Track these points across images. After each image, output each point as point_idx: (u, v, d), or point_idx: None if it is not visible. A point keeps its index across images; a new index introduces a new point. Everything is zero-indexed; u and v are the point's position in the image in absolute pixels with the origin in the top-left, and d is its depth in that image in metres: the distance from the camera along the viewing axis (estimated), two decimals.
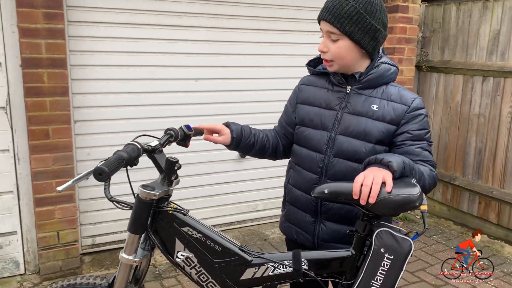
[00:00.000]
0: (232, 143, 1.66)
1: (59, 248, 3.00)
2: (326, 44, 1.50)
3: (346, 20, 1.43)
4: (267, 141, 1.74)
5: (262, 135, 1.74)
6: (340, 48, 1.48)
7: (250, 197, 3.87)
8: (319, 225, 1.61)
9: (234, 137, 1.65)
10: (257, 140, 1.71)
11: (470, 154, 3.88)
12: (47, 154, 2.84)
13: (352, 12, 1.42)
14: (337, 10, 1.43)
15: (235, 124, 1.69)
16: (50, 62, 2.75)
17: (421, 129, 1.50)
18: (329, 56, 1.50)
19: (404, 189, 1.27)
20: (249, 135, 1.69)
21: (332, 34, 1.47)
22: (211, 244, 1.44)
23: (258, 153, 1.75)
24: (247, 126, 1.72)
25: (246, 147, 1.70)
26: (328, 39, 1.49)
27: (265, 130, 1.78)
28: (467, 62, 3.82)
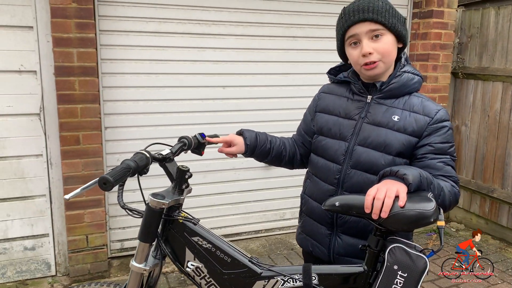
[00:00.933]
0: (246, 150, 1.65)
1: (87, 251, 3.08)
2: (370, 45, 1.42)
3: (387, 14, 1.40)
4: (283, 149, 1.71)
5: (279, 143, 1.71)
6: (387, 43, 1.43)
7: (278, 205, 3.84)
8: (335, 238, 1.56)
9: (248, 144, 1.64)
10: (273, 147, 1.69)
11: (510, 165, 3.68)
12: (78, 159, 2.93)
13: (386, 6, 1.42)
14: (374, 7, 1.40)
15: (249, 131, 1.67)
16: (81, 70, 2.84)
17: (444, 142, 1.43)
18: (375, 56, 1.42)
19: (418, 203, 1.20)
20: (265, 142, 1.67)
21: (375, 31, 1.41)
22: (220, 254, 1.42)
23: (275, 161, 1.73)
24: (263, 133, 1.71)
25: (262, 154, 1.68)
26: (368, 39, 1.42)
27: (283, 138, 1.76)
28: (507, 69, 3.63)
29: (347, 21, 1.43)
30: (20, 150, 2.91)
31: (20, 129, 2.89)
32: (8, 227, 2.97)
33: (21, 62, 2.81)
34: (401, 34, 1.44)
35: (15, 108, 2.85)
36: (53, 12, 2.73)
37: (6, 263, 3.00)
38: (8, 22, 2.74)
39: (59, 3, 2.72)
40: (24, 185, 2.96)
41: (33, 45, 2.81)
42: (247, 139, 1.64)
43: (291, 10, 3.49)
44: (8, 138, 2.87)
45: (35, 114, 2.90)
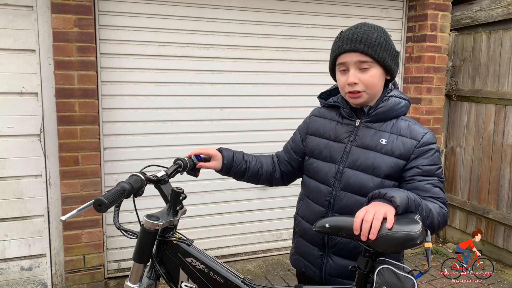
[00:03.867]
0: (222, 168, 1.71)
1: (84, 272, 3.09)
2: (356, 75, 1.46)
3: (378, 47, 1.44)
4: (260, 168, 1.77)
5: (255, 162, 1.77)
6: (373, 76, 1.47)
7: (275, 226, 3.85)
8: (326, 259, 1.59)
9: (225, 163, 1.70)
10: (249, 166, 1.74)
11: (504, 186, 3.71)
12: (76, 180, 2.97)
13: (380, 39, 1.45)
14: (366, 39, 1.43)
15: (227, 150, 1.73)
16: (81, 92, 2.90)
17: (431, 165, 1.47)
18: (360, 87, 1.47)
19: (405, 226, 1.23)
20: (241, 162, 1.73)
21: (364, 63, 1.45)
22: (213, 275, 1.44)
23: (251, 180, 1.79)
24: (240, 153, 1.76)
25: (237, 174, 1.74)
26: (357, 70, 1.47)
27: (261, 157, 1.81)
28: (499, 92, 3.70)
29: (339, 48, 1.47)
30: (20, 171, 2.95)
31: (20, 149, 2.93)
32: (6, 247, 2.99)
33: (23, 84, 2.88)
34: (389, 68, 1.48)
35: (16, 129, 2.90)
36: (55, 36, 2.80)
37: (3, 284, 3.00)
38: (11, 45, 2.82)
39: (61, 27, 2.80)
40: (23, 205, 2.99)
41: (35, 67, 2.89)
42: (225, 158, 1.70)
43: (287, 34, 3.58)
44: (8, 159, 2.91)
45: (35, 135, 2.95)
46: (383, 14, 3.87)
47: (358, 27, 1.48)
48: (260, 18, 3.47)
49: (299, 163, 1.75)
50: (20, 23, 2.82)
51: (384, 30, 1.50)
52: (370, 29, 1.46)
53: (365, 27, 1.47)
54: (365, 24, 1.49)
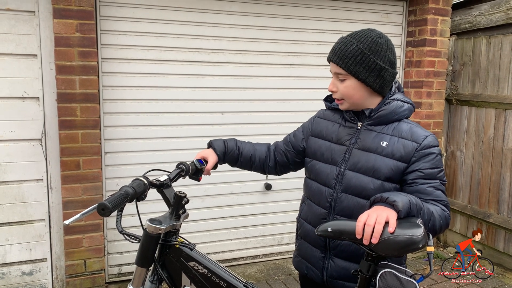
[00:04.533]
0: (219, 160, 1.76)
1: (85, 276, 3.08)
2: (335, 84, 1.56)
3: (350, 60, 1.47)
4: (252, 154, 1.81)
5: (248, 148, 1.81)
6: (347, 87, 1.52)
7: (276, 230, 3.85)
8: (328, 261, 1.60)
9: (218, 154, 1.74)
10: (241, 152, 1.79)
11: (505, 190, 3.71)
12: (77, 184, 2.97)
13: (356, 52, 1.46)
14: (342, 51, 1.48)
15: (217, 141, 1.78)
16: (83, 97, 2.91)
17: (433, 168, 1.48)
18: (338, 95, 1.56)
19: (407, 230, 1.24)
20: (233, 148, 1.78)
21: (339, 74, 1.52)
22: (216, 279, 1.45)
23: (244, 165, 1.83)
24: (232, 140, 1.81)
25: (231, 160, 1.79)
26: (336, 79, 1.55)
27: (256, 145, 1.86)
28: (499, 96, 3.72)
29: (328, 56, 1.56)
30: (21, 175, 2.95)
31: (22, 154, 2.94)
32: (7, 252, 2.99)
33: (25, 89, 2.89)
34: (364, 81, 1.48)
35: (17, 133, 2.91)
36: (57, 41, 2.82)
37: None
38: (13, 50, 2.83)
39: (63, 32, 2.82)
40: (24, 209, 2.99)
41: (36, 72, 2.90)
42: (216, 149, 1.75)
43: (287, 39, 3.59)
44: (10, 163, 2.92)
45: (36, 139, 2.96)
46: (383, 19, 3.89)
47: (346, 37, 1.52)
48: (260, 23, 3.49)
49: (294, 157, 1.80)
50: (22, 28, 2.83)
51: (375, 42, 1.47)
52: (353, 40, 1.48)
53: (350, 38, 1.50)
54: (353, 34, 1.51)
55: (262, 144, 1.88)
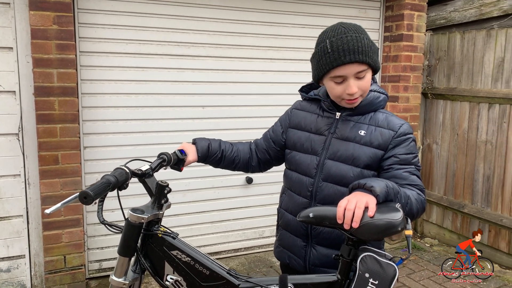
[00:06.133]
0: (198, 160, 1.74)
1: (65, 272, 3.05)
2: (356, 85, 1.46)
3: (371, 52, 1.44)
4: (236, 157, 1.80)
5: (231, 151, 1.80)
6: (367, 81, 1.49)
7: (257, 224, 3.88)
8: (310, 249, 1.62)
9: (199, 155, 1.72)
10: (224, 156, 1.78)
11: (479, 181, 3.83)
12: (56, 179, 2.93)
13: (369, 43, 1.45)
14: (363, 48, 1.42)
15: (201, 141, 1.75)
16: (61, 91, 2.87)
17: (408, 153, 1.52)
18: (359, 93, 1.48)
19: (386, 214, 1.28)
20: (216, 152, 1.76)
21: (362, 72, 1.45)
22: (199, 267, 1.46)
23: (226, 167, 1.83)
24: (217, 141, 1.78)
25: (213, 162, 1.78)
26: (355, 79, 1.46)
27: (238, 145, 1.84)
28: (473, 89, 3.83)
29: (337, 61, 1.42)
30: None
31: None
32: None
33: (0, 82, 2.83)
34: (378, 68, 1.51)
35: None
36: (34, 33, 2.77)
37: None
38: None
39: (40, 24, 2.77)
40: (1, 205, 2.93)
41: (12, 65, 2.84)
42: (199, 151, 1.72)
43: (268, 33, 3.61)
44: None
45: (13, 134, 2.90)
46: (361, 14, 3.95)
47: (345, 34, 1.43)
48: (240, 17, 3.50)
49: (276, 153, 1.79)
50: None
51: (363, 29, 1.50)
52: (358, 34, 1.44)
53: (353, 33, 1.43)
54: (349, 29, 1.45)
55: (244, 144, 1.87)
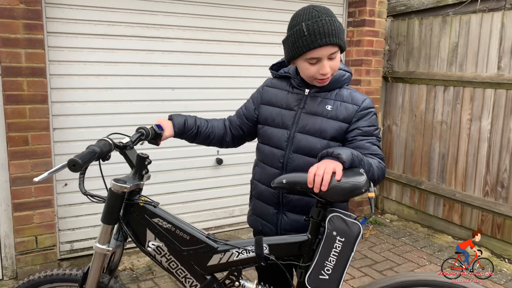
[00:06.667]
0: (175, 135, 1.81)
1: (37, 253, 3.06)
2: (329, 65, 1.58)
3: (342, 34, 1.58)
4: (211, 132, 1.88)
5: (206, 127, 1.88)
6: (338, 61, 1.63)
7: (227, 203, 3.99)
8: (281, 216, 1.75)
9: (176, 131, 1.80)
10: (200, 131, 1.85)
11: (435, 159, 4.09)
12: (26, 160, 2.92)
13: (339, 26, 1.58)
14: (334, 30, 1.54)
15: (178, 118, 1.82)
16: (30, 71, 2.85)
17: (370, 126, 1.67)
18: (330, 73, 1.61)
19: (352, 177, 1.41)
20: (192, 127, 1.83)
21: (333, 53, 1.58)
22: (180, 233, 1.55)
23: (201, 142, 1.91)
24: (192, 118, 1.86)
25: (189, 138, 1.86)
26: (327, 60, 1.58)
27: (213, 121, 1.93)
28: (430, 73, 4.06)
29: (313, 43, 1.53)
30: None
31: None
32: None
33: None
34: (344, 48, 1.65)
35: None
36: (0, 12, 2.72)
37: None
38: None
39: (6, 3, 2.73)
40: None
41: None
42: (175, 126, 1.80)
43: (236, 16, 3.68)
44: None
45: None
46: None
47: (319, 17, 1.54)
48: (210, 0, 3.55)
49: (249, 128, 1.90)
50: None
51: (332, 11, 1.61)
52: (330, 18, 1.55)
53: (326, 17, 1.54)
54: (322, 13, 1.56)
55: (219, 121, 1.96)
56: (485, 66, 3.64)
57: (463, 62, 3.79)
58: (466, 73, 3.76)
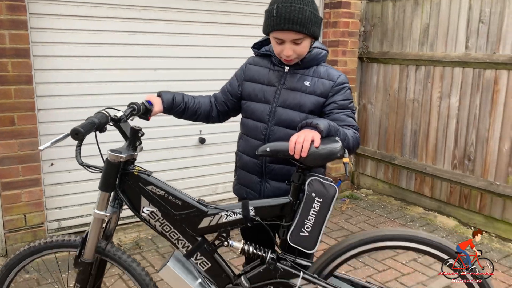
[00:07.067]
0: (164, 111, 1.93)
1: (26, 230, 3.14)
2: (291, 48, 1.73)
3: (309, 25, 1.69)
4: (198, 108, 2.00)
5: (193, 103, 1.99)
6: (304, 47, 1.76)
7: (211, 181, 4.11)
8: (264, 184, 1.90)
9: (165, 107, 1.91)
10: (187, 107, 1.97)
11: (407, 136, 4.31)
12: (13, 140, 2.99)
13: (311, 15, 1.69)
14: (300, 18, 1.66)
15: (166, 94, 1.93)
16: (14, 52, 2.89)
17: (345, 100, 1.82)
18: (294, 56, 1.76)
19: (329, 144, 1.57)
20: (180, 103, 1.94)
21: (298, 39, 1.71)
22: (172, 199, 1.69)
23: (189, 118, 2.02)
24: (180, 95, 1.97)
25: (177, 113, 1.97)
26: (291, 44, 1.72)
27: (199, 98, 2.04)
28: (402, 53, 4.25)
29: (277, 26, 1.66)
30: None
31: None
32: None
33: None
34: (317, 36, 1.78)
35: None
36: None
37: None
38: None
39: None
40: None
41: None
42: (164, 102, 1.91)
43: None
44: None
45: None
46: None
47: (291, 3, 1.65)
48: None
49: (234, 104, 2.02)
50: None
51: (311, 1, 1.73)
52: (303, 6, 1.67)
53: (298, 4, 1.66)
54: None
55: (205, 97, 2.07)
56: (454, 46, 3.84)
57: (434, 42, 3.99)
58: (437, 53, 3.96)
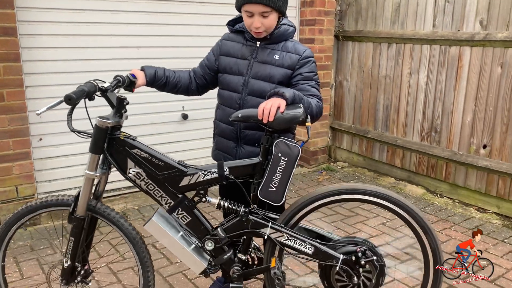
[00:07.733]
0: (147, 84, 2.10)
1: (18, 201, 3.32)
2: (260, 21, 1.93)
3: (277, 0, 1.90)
4: (178, 82, 2.18)
5: (174, 77, 2.16)
6: (271, 20, 1.96)
7: (193, 155, 4.31)
8: (239, 148, 2.11)
9: (148, 80, 2.08)
10: (168, 81, 2.15)
11: (380, 110, 4.56)
12: (3, 115, 3.13)
13: None
14: None
15: (149, 69, 2.10)
16: (1, 31, 3.02)
17: (310, 72, 2.03)
18: (262, 28, 1.95)
19: (292, 110, 1.78)
20: (162, 77, 2.12)
21: (265, 12, 1.91)
22: (155, 161, 1.89)
23: (170, 91, 2.20)
24: (162, 69, 2.14)
25: (159, 86, 2.15)
26: (260, 17, 1.92)
27: (179, 72, 2.21)
28: (376, 31, 4.46)
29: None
30: None
31: None
32: None
33: None
34: (283, 11, 1.98)
35: None
36: None
37: None
38: None
39: None
40: None
41: None
42: (147, 76, 2.08)
43: None
44: None
45: None
46: None
47: None
48: None
49: (211, 77, 2.21)
50: None
51: None
52: None
53: None
54: None
55: (185, 72, 2.26)
56: (423, 24, 4.06)
57: (404, 20, 4.20)
58: (407, 31, 4.18)
